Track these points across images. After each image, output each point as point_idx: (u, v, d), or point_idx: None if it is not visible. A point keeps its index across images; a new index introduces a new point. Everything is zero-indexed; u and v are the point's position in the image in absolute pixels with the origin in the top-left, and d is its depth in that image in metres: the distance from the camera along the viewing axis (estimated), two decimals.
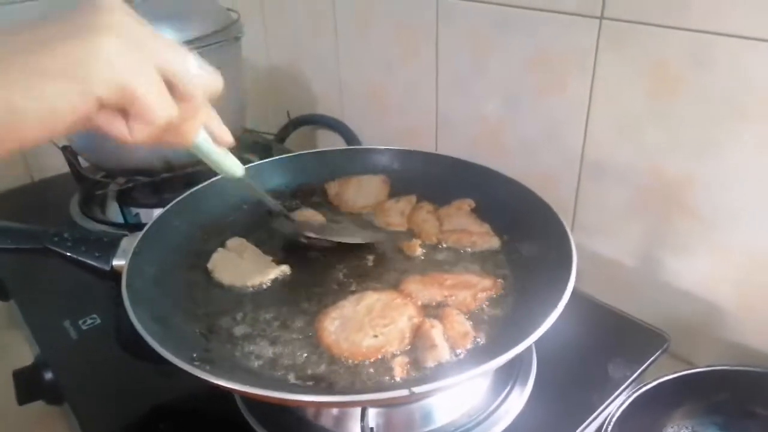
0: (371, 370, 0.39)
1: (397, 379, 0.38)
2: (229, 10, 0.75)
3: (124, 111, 0.31)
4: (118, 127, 0.31)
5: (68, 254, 0.47)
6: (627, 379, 0.47)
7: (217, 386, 0.35)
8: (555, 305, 0.38)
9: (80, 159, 0.77)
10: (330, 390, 0.38)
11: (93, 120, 0.30)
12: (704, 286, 0.56)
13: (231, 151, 0.42)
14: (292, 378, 0.39)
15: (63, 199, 0.79)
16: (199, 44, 0.66)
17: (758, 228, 0.51)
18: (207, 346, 0.42)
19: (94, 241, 0.48)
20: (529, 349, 0.48)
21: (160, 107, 0.31)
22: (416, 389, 0.33)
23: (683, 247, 0.57)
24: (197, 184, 0.67)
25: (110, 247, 0.47)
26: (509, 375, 0.47)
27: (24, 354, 0.58)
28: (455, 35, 0.70)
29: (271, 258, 0.51)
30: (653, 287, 0.60)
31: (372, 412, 0.39)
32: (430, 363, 0.39)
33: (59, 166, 0.80)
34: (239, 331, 0.44)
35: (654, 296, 0.59)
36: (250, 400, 0.45)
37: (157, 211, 0.52)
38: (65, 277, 0.62)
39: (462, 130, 0.75)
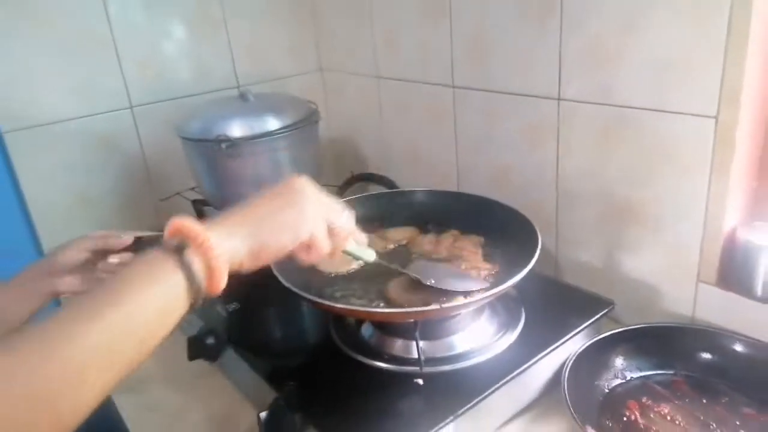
0: None
1: None
2: (309, 102, 1.08)
3: (307, 246, 0.53)
4: (302, 255, 0.54)
5: None
6: (583, 324, 0.73)
7: (328, 308, 0.63)
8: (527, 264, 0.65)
9: (205, 209, 1.10)
10: None
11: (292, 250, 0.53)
12: (647, 274, 0.82)
13: None
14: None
15: None
16: (293, 127, 0.99)
17: (680, 232, 0.77)
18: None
19: None
20: (520, 308, 0.76)
21: (325, 245, 0.54)
22: (444, 305, 0.61)
23: (633, 249, 0.83)
24: None
25: None
26: (506, 323, 0.74)
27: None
28: (468, 112, 1.01)
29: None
30: (614, 279, 0.86)
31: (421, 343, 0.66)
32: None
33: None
34: (337, 293, 0.73)
35: (615, 284, 0.85)
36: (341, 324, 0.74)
37: None
38: None
39: (475, 178, 1.04)
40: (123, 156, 1.12)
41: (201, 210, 1.09)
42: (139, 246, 0.66)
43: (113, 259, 0.67)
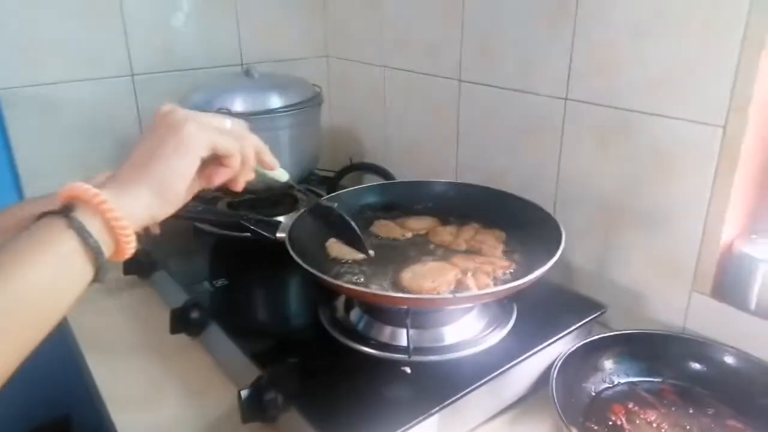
0: None
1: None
2: (313, 84, 1.07)
3: (217, 163, 0.50)
4: (218, 175, 0.51)
5: (252, 227, 0.77)
6: (573, 326, 0.72)
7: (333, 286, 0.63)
8: (547, 261, 0.64)
9: None
10: None
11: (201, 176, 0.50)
12: (640, 281, 0.82)
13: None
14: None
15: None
16: (295, 107, 0.97)
17: (677, 241, 0.76)
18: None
19: (265, 222, 0.78)
20: (512, 305, 0.75)
21: (231, 148, 0.50)
22: (459, 295, 0.60)
23: (627, 255, 0.82)
24: (285, 201, 0.97)
25: (274, 227, 0.77)
26: (497, 318, 0.73)
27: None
28: (472, 108, 1.00)
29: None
30: (606, 283, 0.85)
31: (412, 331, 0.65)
32: None
33: None
34: (352, 276, 0.72)
35: (607, 289, 0.84)
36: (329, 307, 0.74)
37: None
38: (204, 250, 0.93)
39: (473, 175, 1.03)
40: (120, 124, 1.10)
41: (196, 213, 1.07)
42: None
43: None
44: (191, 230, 1.01)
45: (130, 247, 0.45)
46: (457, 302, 0.64)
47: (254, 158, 0.54)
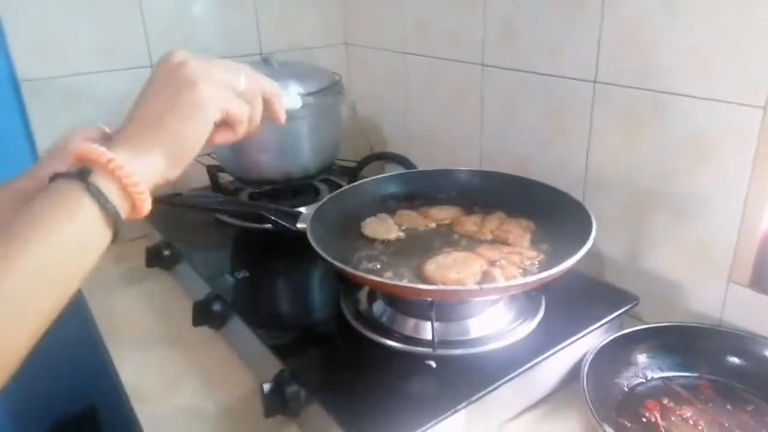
0: None
1: None
2: (333, 72, 1.05)
3: (226, 125, 0.49)
4: (226, 135, 0.50)
5: (272, 218, 0.75)
6: (605, 318, 0.69)
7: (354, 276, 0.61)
8: (577, 251, 0.61)
9: (220, 175, 1.07)
10: None
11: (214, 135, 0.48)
12: (674, 271, 0.78)
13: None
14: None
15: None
16: (315, 95, 0.95)
17: (712, 228, 0.73)
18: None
19: (285, 213, 0.77)
20: (540, 297, 0.72)
21: (242, 113, 0.49)
22: (485, 286, 0.58)
23: (660, 244, 0.79)
24: (307, 192, 0.95)
25: (294, 217, 0.75)
26: (525, 311, 0.71)
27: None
28: (496, 93, 0.97)
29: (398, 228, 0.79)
30: (639, 274, 0.82)
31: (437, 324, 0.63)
32: None
33: (198, 181, 1.10)
34: (373, 266, 0.70)
35: (639, 280, 0.81)
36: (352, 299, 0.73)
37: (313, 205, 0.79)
38: (226, 243, 0.92)
39: (498, 163, 1.01)
40: None
41: (215, 176, 1.07)
42: None
43: None
44: (213, 223, 1.00)
45: (146, 207, 0.44)
46: (484, 294, 0.62)
47: (261, 118, 0.53)
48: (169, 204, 0.83)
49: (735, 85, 0.66)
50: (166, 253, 0.95)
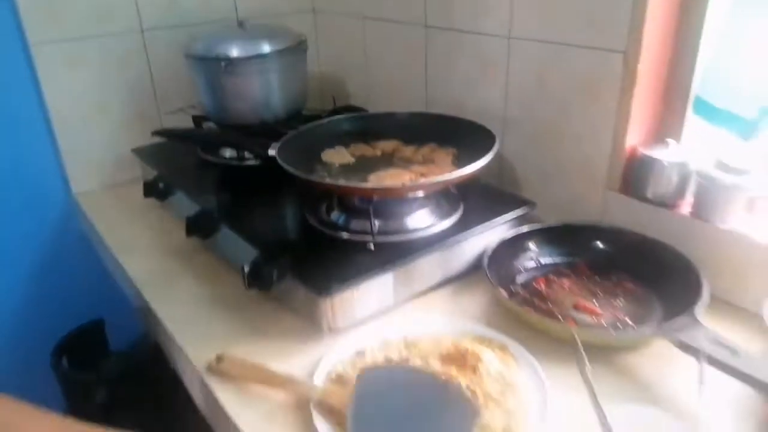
0: None
1: None
2: (299, 33, 1.23)
3: None
4: None
5: (245, 143, 0.96)
6: (508, 215, 0.90)
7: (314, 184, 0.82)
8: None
9: (204, 124, 1.25)
10: None
11: None
12: (568, 184, 0.99)
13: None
14: None
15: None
16: (283, 52, 1.14)
17: (593, 149, 0.94)
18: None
19: (261, 144, 0.96)
20: (459, 203, 0.93)
21: None
22: (406, 183, 0.78)
23: (558, 164, 1.00)
24: (278, 137, 1.15)
25: (265, 147, 0.94)
26: (447, 212, 0.91)
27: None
28: (436, 52, 1.17)
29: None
30: (542, 188, 1.03)
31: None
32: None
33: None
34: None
35: (542, 193, 1.02)
36: (315, 209, 0.92)
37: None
38: (210, 178, 1.12)
39: (440, 107, 1.20)
40: (133, 74, 1.26)
41: (200, 124, 1.25)
42: None
43: None
44: (199, 162, 1.18)
45: None
46: (407, 190, 0.83)
47: None
48: (167, 136, 1.02)
49: (607, 33, 0.86)
50: (161, 185, 1.13)
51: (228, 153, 1.18)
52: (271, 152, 0.93)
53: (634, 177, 0.90)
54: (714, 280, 0.77)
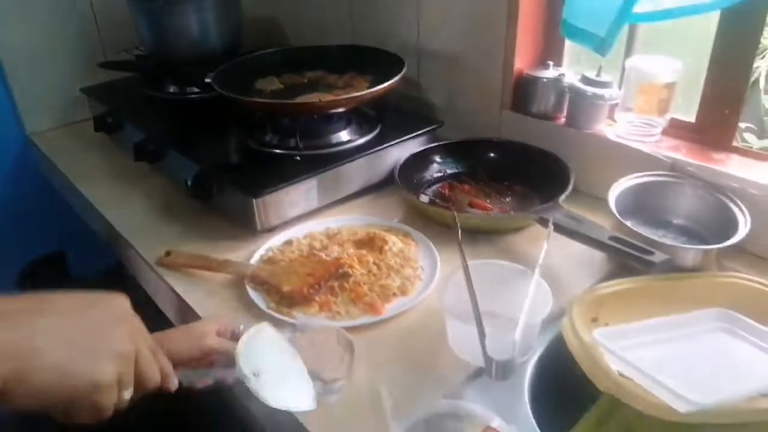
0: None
1: None
2: None
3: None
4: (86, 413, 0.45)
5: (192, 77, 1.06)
6: (418, 131, 1.05)
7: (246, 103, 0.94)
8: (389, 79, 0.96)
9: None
10: None
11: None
12: (471, 106, 1.15)
13: None
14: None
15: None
16: None
17: (489, 74, 1.09)
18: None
19: (198, 73, 1.07)
20: (377, 123, 1.07)
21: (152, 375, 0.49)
22: (323, 98, 0.92)
23: (462, 89, 1.15)
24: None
25: (203, 76, 1.06)
26: (365, 131, 1.05)
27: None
28: None
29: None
30: (451, 111, 1.18)
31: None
32: None
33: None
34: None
35: (451, 115, 1.17)
36: (255, 135, 1.05)
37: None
38: (155, 111, 1.22)
39: (364, 39, 1.32)
40: (79, 17, 1.32)
41: (142, 65, 1.33)
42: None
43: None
44: (144, 98, 1.28)
45: None
46: (325, 107, 0.97)
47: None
48: (113, 68, 1.13)
49: None
50: (109, 119, 1.23)
51: (171, 88, 1.28)
52: (208, 80, 1.05)
53: (522, 96, 1.06)
54: (580, 176, 0.95)
